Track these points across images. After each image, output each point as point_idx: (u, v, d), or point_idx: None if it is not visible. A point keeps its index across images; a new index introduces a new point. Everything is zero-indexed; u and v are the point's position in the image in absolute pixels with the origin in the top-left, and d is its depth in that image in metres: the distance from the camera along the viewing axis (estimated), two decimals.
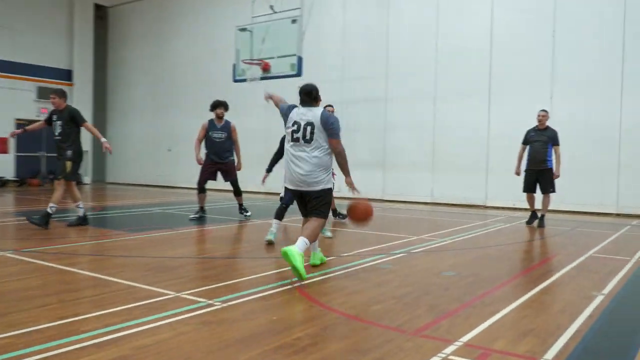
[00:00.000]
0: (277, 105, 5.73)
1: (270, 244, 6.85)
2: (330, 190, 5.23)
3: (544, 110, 9.77)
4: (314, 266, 5.63)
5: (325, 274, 5.30)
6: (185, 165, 18.48)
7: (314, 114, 5.20)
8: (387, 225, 8.62)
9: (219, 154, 9.42)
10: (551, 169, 9.48)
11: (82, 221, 8.29)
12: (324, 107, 5.68)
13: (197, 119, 11.38)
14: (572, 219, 10.67)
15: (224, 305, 4.14)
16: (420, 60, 13.88)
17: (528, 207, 9.88)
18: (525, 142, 9.51)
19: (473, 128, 13.04)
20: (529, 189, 9.61)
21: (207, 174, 9.45)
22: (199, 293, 4.46)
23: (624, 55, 11.33)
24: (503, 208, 12.45)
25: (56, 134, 8.09)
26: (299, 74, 11.09)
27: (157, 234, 7.80)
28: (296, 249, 4.77)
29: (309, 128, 5.13)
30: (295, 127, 5.19)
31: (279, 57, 11.35)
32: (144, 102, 19.77)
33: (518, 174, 9.66)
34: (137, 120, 19.89)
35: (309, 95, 5.33)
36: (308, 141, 5.12)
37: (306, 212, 5.30)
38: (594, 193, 11.64)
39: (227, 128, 9.60)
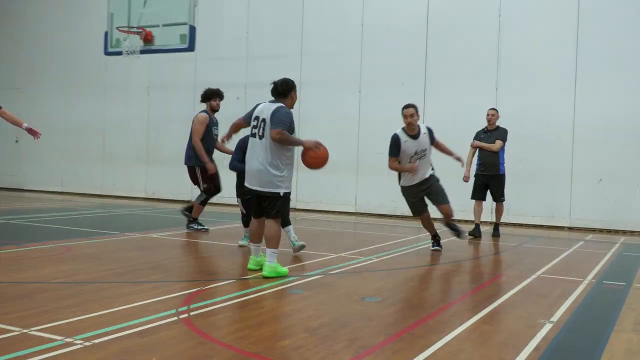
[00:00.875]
0: (240, 126, 6.84)
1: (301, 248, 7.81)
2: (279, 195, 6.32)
3: (493, 109, 10.50)
4: (250, 270, 6.55)
5: (220, 301, 5.27)
6: (37, 163, 17.72)
7: (268, 108, 6.34)
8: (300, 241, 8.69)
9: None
10: (504, 174, 10.19)
11: None
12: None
13: (53, 102, 11.14)
14: (520, 233, 11.28)
15: (88, 343, 4.02)
16: (344, 38, 14.14)
17: (473, 217, 10.45)
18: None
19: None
20: (478, 196, 10.22)
21: (217, 179, 9.67)
22: (54, 329, 4.30)
23: (577, 44, 12.14)
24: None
25: None
26: (190, 47, 10.97)
27: None
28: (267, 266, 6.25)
29: (262, 124, 6.30)
30: (255, 123, 6.39)
31: (165, 25, 11.17)
32: None
33: (467, 179, 10.17)
34: None
35: (275, 90, 6.50)
36: (261, 137, 6.31)
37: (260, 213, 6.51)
38: (544, 204, 12.37)
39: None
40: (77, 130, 17.23)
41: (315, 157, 6.42)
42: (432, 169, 8.39)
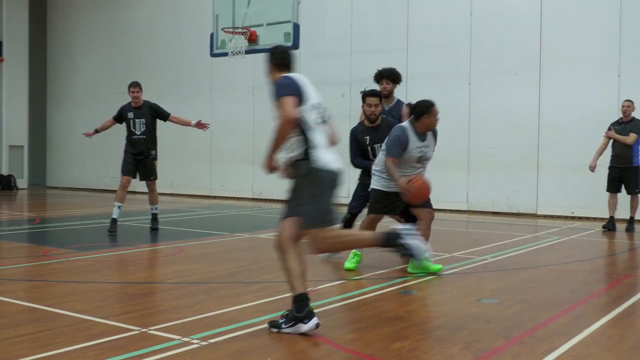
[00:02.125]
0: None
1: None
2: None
3: (628, 101, 10.52)
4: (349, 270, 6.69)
5: (332, 302, 5.34)
6: None
7: None
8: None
9: None
10: (638, 166, 10.28)
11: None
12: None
13: (165, 105, 11.42)
14: None
15: (204, 343, 4.18)
16: (451, 29, 13.93)
17: (608, 211, 10.65)
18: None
19: (518, 114, 13.10)
20: (612, 188, 10.53)
21: None
22: (170, 328, 4.50)
23: None
24: (559, 217, 12.49)
25: (138, 132, 9.70)
26: (295, 45, 11.16)
27: (111, 252, 7.85)
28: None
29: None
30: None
31: (268, 24, 11.44)
32: (94, 86, 19.83)
33: (593, 169, 10.52)
34: (86, 108, 19.93)
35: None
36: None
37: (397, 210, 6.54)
38: None
39: None
40: (185, 132, 17.91)
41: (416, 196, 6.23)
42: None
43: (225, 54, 11.91)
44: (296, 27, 10.90)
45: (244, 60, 12.58)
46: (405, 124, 6.49)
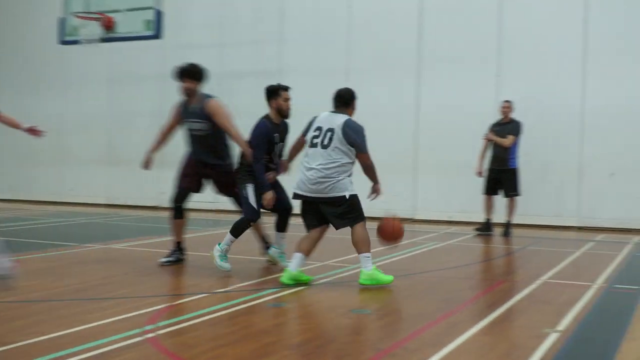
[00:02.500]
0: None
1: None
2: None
3: (507, 101, 11.14)
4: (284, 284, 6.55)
5: (192, 318, 5.26)
6: None
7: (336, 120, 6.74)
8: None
9: None
10: (515, 169, 10.85)
11: None
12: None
13: (2, 99, 11.00)
14: (524, 235, 11.34)
15: None
16: (327, 23, 14.14)
17: (484, 214, 11.16)
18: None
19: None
20: (488, 190, 11.05)
21: None
22: (1, 355, 4.27)
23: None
24: (437, 222, 12.98)
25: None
26: (157, 34, 10.95)
27: None
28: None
29: (329, 134, 6.64)
30: (317, 133, 6.73)
31: (128, 10, 11.14)
32: None
33: (480, 174, 11.03)
34: None
35: (340, 99, 7.06)
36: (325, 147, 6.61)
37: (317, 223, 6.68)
38: (551, 201, 12.45)
39: None
40: None
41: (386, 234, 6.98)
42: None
43: (77, 42, 11.47)
44: (159, 15, 10.69)
45: (98, 50, 12.17)
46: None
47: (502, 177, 10.88)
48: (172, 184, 8.04)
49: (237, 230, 7.26)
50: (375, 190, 7.00)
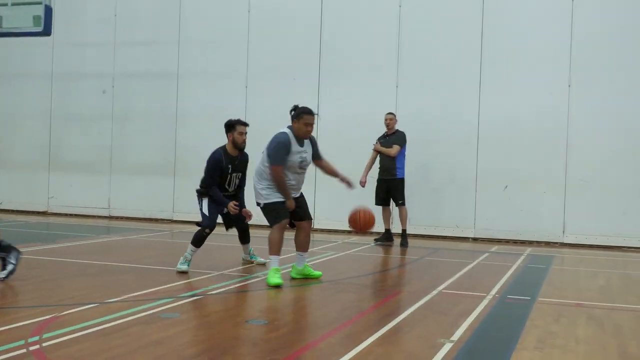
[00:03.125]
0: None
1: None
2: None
3: (390, 114, 11.59)
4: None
5: (80, 329, 5.12)
6: None
7: None
8: (174, 256, 8.58)
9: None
10: (402, 178, 11.32)
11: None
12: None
13: None
14: (422, 245, 11.65)
15: None
16: (228, 24, 14.10)
17: (384, 224, 11.51)
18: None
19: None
20: (380, 201, 11.42)
21: None
22: None
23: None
24: (336, 232, 13.13)
25: None
26: (46, 31, 10.59)
27: None
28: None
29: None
30: None
31: (14, 4, 10.73)
32: None
33: (363, 184, 11.22)
34: None
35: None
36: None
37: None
38: (448, 212, 12.82)
39: None
40: None
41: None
42: None
43: None
44: (48, 10, 10.33)
45: None
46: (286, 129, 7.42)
47: (390, 187, 11.30)
48: (61, 187, 7.80)
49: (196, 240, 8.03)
50: (287, 205, 7.42)
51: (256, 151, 7.91)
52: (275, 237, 7.30)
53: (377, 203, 11.41)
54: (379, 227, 11.80)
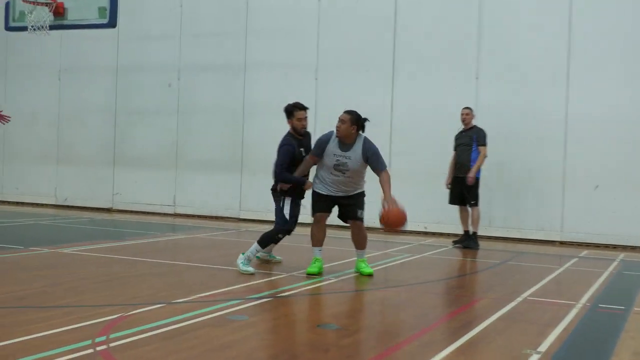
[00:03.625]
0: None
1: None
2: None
3: (467, 108, 11.34)
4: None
5: (147, 329, 5.22)
6: None
7: None
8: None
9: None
10: (477, 177, 11.05)
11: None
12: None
13: None
14: (503, 249, 11.47)
15: None
16: (298, 14, 14.16)
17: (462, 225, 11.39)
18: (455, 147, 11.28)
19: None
20: (455, 200, 11.29)
21: None
22: None
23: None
24: (410, 232, 13.04)
25: None
26: (111, 23, 10.86)
27: None
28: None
29: None
30: None
31: None
32: None
33: (449, 185, 11.30)
34: None
35: None
36: None
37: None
38: (532, 214, 12.57)
39: None
40: None
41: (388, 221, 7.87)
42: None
43: (25, 29, 11.33)
44: (113, 1, 10.59)
45: (48, 38, 12.05)
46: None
47: (464, 185, 11.03)
48: (126, 184, 8.02)
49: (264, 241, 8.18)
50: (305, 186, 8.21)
51: None
52: (312, 230, 8.21)
53: (451, 202, 11.30)
54: (456, 229, 11.76)
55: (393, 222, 7.76)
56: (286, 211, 8.13)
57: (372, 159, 7.90)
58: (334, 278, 7.85)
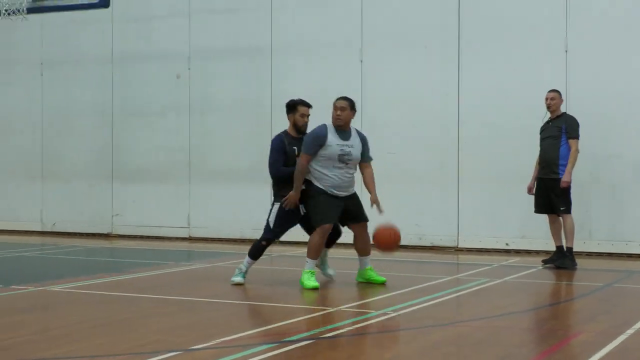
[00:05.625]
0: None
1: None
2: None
3: (553, 91, 11.16)
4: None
5: (313, 336, 5.26)
6: None
7: None
8: (275, 289, 8.69)
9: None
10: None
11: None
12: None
13: None
14: (608, 267, 11.35)
15: None
16: None
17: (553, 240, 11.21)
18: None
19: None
20: (541, 207, 11.20)
21: None
22: None
23: None
24: (488, 251, 12.95)
25: None
26: (104, 3, 11.01)
27: None
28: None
29: None
30: None
31: None
32: None
33: (531, 190, 11.29)
34: None
35: None
36: None
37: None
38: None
39: None
40: None
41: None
42: None
43: None
44: None
45: (25, 24, 12.24)
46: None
47: (549, 188, 10.92)
48: (127, 202, 8.08)
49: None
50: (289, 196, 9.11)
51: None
52: (316, 240, 8.99)
53: (537, 210, 11.20)
54: (546, 244, 11.63)
55: (385, 246, 9.23)
56: (271, 219, 9.33)
57: (366, 147, 9.27)
58: (393, 312, 7.82)
